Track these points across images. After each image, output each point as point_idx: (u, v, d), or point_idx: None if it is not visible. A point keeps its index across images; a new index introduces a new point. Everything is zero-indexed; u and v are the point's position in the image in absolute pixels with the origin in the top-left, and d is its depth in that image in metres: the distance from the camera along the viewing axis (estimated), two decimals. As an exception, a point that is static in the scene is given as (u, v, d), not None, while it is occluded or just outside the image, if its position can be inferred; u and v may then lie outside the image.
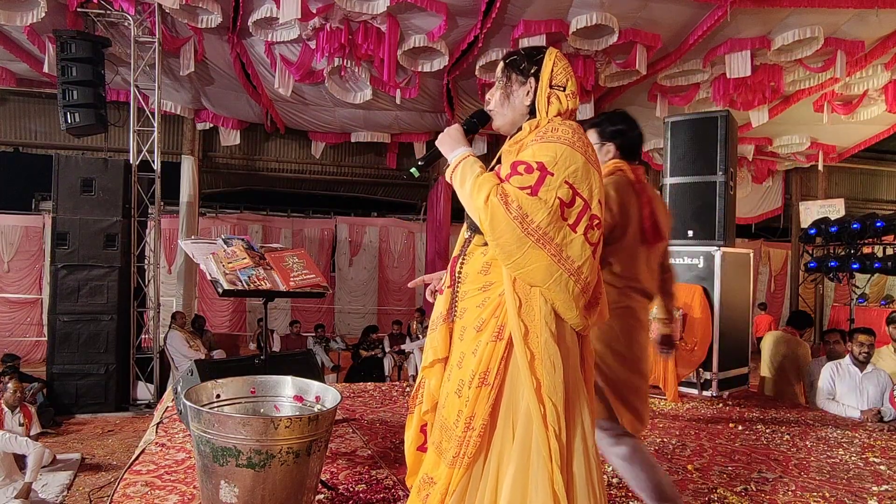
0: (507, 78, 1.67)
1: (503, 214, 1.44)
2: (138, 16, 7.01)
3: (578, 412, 1.52)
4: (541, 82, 1.62)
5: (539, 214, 1.44)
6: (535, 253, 1.45)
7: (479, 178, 1.52)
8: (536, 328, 1.47)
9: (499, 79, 1.70)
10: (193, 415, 1.99)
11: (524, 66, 1.65)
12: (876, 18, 6.26)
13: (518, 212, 1.44)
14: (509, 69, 1.67)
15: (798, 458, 3.24)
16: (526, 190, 1.45)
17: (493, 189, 1.47)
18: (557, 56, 1.65)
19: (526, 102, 1.65)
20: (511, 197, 1.45)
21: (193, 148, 9.72)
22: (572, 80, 1.65)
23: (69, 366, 6.80)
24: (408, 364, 9.09)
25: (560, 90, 1.62)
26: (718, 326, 4.75)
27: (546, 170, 1.47)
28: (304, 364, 3.61)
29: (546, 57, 1.64)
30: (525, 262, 1.46)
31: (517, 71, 1.66)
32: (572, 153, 1.50)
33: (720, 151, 4.93)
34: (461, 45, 7.12)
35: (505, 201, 1.45)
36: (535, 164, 1.48)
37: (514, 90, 1.65)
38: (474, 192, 1.50)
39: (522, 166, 1.48)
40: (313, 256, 12.19)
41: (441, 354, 1.63)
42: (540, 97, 1.62)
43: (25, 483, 4.35)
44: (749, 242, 13.44)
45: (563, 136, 1.53)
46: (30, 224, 10.73)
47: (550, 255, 1.45)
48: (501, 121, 1.69)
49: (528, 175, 1.47)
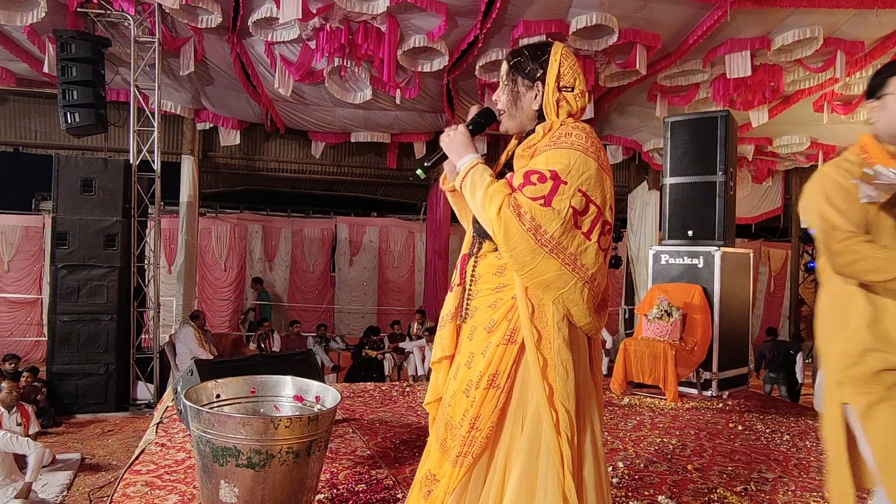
0: (512, 82, 1.64)
1: (516, 226, 1.43)
2: (138, 16, 7.00)
3: (588, 416, 1.53)
4: (547, 86, 1.59)
5: (552, 225, 1.44)
6: (549, 262, 1.44)
7: (490, 188, 1.49)
8: (549, 334, 1.47)
9: (504, 81, 1.66)
10: (193, 415, 2.00)
11: (529, 69, 1.61)
12: (876, 18, 6.26)
13: (531, 223, 1.43)
14: (514, 72, 1.64)
15: (798, 458, 3.24)
16: (539, 201, 1.44)
17: (505, 200, 1.45)
18: (563, 54, 1.61)
19: (534, 107, 1.62)
20: (524, 208, 1.44)
21: (193, 148, 9.72)
22: (580, 78, 1.62)
23: (69, 366, 6.79)
24: (407, 364, 9.10)
25: (568, 91, 1.60)
26: (718, 326, 4.75)
27: (559, 178, 1.45)
28: (304, 364, 3.62)
29: (551, 56, 1.60)
30: (539, 271, 1.45)
31: (523, 75, 1.62)
32: (585, 160, 1.49)
33: (720, 151, 4.94)
34: (461, 45, 7.12)
35: (518, 213, 1.44)
36: (548, 172, 1.46)
37: (522, 94, 1.63)
38: (486, 202, 1.48)
39: (535, 176, 1.47)
40: (313, 256, 12.21)
41: (448, 352, 1.64)
42: (548, 101, 1.59)
43: (25, 483, 4.34)
44: (749, 242, 13.44)
45: (577, 141, 1.51)
46: (30, 224, 10.72)
47: (564, 265, 1.45)
48: (510, 123, 1.67)
49: (542, 185, 1.45)
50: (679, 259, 5.03)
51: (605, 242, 1.52)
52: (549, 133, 1.56)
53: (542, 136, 1.57)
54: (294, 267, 12.15)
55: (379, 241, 12.57)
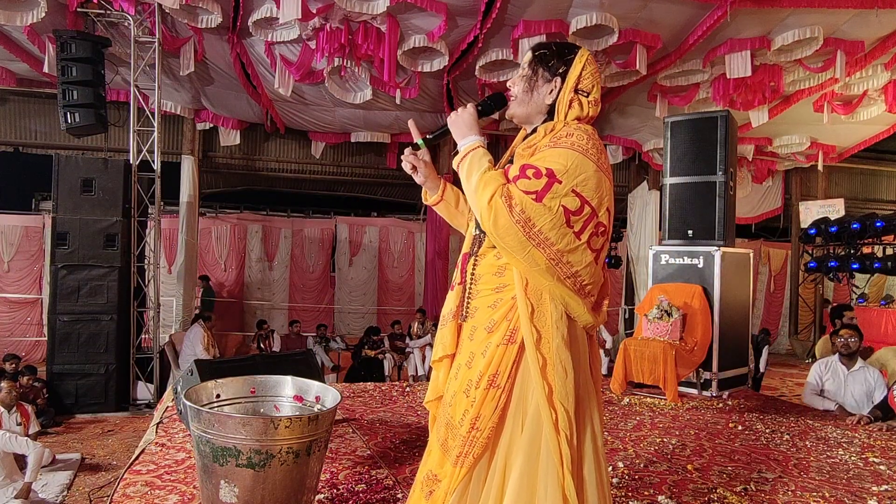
0: (533, 71, 1.64)
1: (506, 217, 1.45)
2: (138, 16, 7.01)
3: (588, 414, 1.53)
4: (566, 84, 1.60)
5: (541, 220, 1.45)
6: (536, 254, 1.46)
7: (486, 174, 1.51)
8: (548, 334, 1.48)
9: (524, 69, 1.67)
10: (193, 415, 1.99)
11: (553, 63, 1.62)
12: (876, 18, 6.26)
13: (521, 216, 1.44)
14: (537, 63, 1.64)
15: (798, 458, 3.24)
16: (531, 195, 1.45)
17: (498, 189, 1.47)
18: (588, 60, 1.62)
19: (548, 101, 1.63)
20: (515, 200, 1.45)
21: (193, 148, 9.72)
22: (597, 87, 1.63)
23: (69, 366, 6.80)
24: (407, 364, 9.09)
25: (584, 95, 1.60)
26: (718, 326, 4.75)
27: (554, 177, 1.46)
28: (304, 364, 3.61)
29: (577, 58, 1.62)
30: (528, 260, 1.47)
31: (545, 67, 1.63)
32: (583, 161, 1.49)
33: (720, 151, 4.93)
34: (461, 46, 7.12)
35: (509, 204, 1.45)
36: (544, 169, 1.47)
37: (539, 85, 1.63)
38: (480, 188, 1.49)
39: (531, 170, 1.48)
40: (313, 256, 12.21)
41: (449, 350, 1.64)
42: (562, 99, 1.60)
43: (25, 483, 4.34)
44: (749, 242, 13.43)
45: (578, 142, 1.51)
46: (30, 224, 10.72)
47: (548, 259, 1.46)
48: (518, 110, 1.67)
49: (536, 180, 1.46)
50: (679, 259, 5.03)
51: (596, 243, 1.52)
52: (552, 133, 1.56)
53: (543, 136, 1.58)
54: (294, 267, 12.15)
55: (379, 241, 12.57)
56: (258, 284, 11.86)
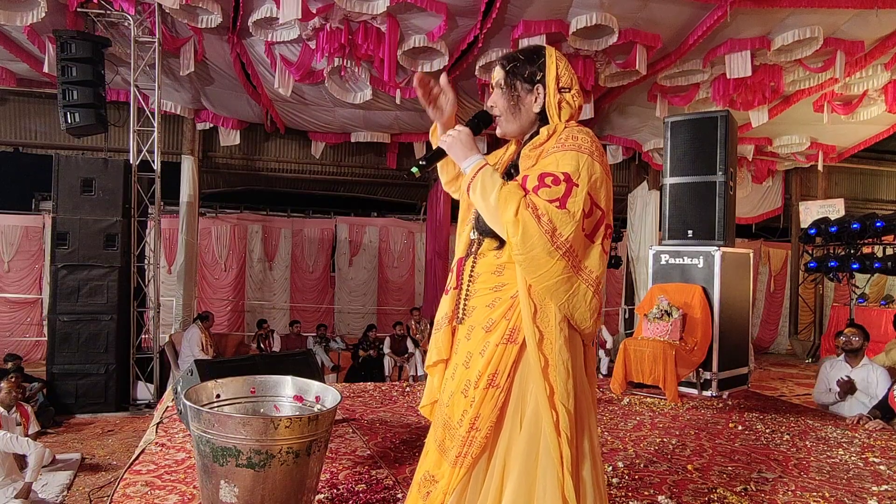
0: (510, 86, 1.64)
1: (535, 228, 1.44)
2: (138, 16, 7.00)
3: (586, 415, 1.53)
4: (548, 88, 1.61)
5: (567, 227, 1.45)
6: (560, 265, 1.45)
7: (504, 189, 1.50)
8: (551, 334, 1.48)
9: (500, 85, 1.66)
10: (193, 415, 1.99)
11: (528, 72, 1.63)
12: (876, 18, 6.26)
13: (549, 225, 1.44)
14: (512, 77, 1.64)
15: (798, 458, 3.24)
16: (555, 203, 1.45)
17: (521, 202, 1.46)
18: (557, 56, 1.64)
19: (535, 109, 1.64)
20: (541, 210, 1.45)
21: (193, 148, 9.72)
22: (575, 78, 1.65)
23: (69, 366, 6.80)
24: (408, 364, 9.09)
25: (567, 92, 1.62)
26: (718, 326, 4.75)
27: (572, 181, 1.47)
28: (304, 364, 3.61)
29: (547, 60, 1.63)
30: (550, 274, 1.45)
31: (521, 79, 1.63)
32: (592, 163, 1.50)
33: (720, 151, 4.93)
34: (461, 45, 7.11)
35: (536, 214, 1.44)
36: (561, 175, 1.48)
37: (522, 98, 1.64)
38: (501, 204, 1.48)
39: (550, 178, 1.48)
40: (313, 256, 12.21)
41: (444, 355, 1.64)
42: (550, 104, 1.61)
43: (25, 483, 4.34)
44: (749, 242, 13.43)
45: (584, 144, 1.53)
46: (30, 224, 10.72)
47: (572, 268, 1.46)
48: (510, 127, 1.67)
49: (556, 187, 1.47)
50: (679, 259, 5.03)
51: (606, 246, 1.55)
52: (555, 135, 1.57)
53: (546, 138, 1.58)
54: (294, 267, 12.15)
55: (379, 241, 12.57)
56: (258, 284, 11.86)
